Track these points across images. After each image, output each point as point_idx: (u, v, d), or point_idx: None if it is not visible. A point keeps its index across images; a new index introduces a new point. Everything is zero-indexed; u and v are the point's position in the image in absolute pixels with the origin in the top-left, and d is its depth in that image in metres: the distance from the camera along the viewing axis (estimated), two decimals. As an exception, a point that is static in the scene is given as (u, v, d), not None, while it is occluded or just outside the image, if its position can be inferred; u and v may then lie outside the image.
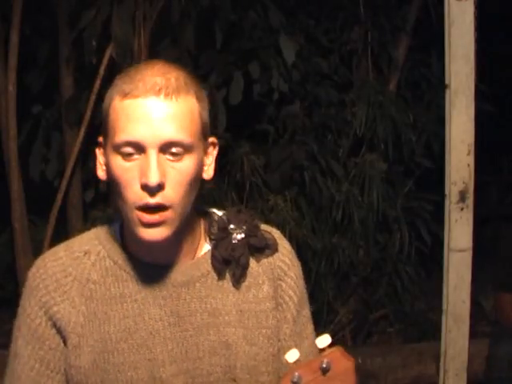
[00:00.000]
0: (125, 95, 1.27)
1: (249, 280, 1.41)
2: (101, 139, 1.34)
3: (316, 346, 1.27)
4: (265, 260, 1.42)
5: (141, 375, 1.34)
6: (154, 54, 3.87)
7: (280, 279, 1.43)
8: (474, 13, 2.77)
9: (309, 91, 4.52)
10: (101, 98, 3.94)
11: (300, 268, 1.48)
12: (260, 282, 1.41)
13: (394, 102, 4.55)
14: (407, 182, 4.70)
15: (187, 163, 1.29)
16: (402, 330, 4.75)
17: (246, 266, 1.40)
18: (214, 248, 1.39)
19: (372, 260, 4.60)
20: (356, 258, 4.54)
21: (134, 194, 1.27)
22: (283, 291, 1.43)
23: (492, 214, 5.73)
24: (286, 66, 4.21)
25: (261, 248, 1.42)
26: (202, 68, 4.20)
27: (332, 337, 1.29)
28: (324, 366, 1.24)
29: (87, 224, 3.94)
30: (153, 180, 1.24)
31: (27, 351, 1.37)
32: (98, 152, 1.36)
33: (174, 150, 1.27)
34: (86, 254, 1.39)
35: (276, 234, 1.46)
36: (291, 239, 4.20)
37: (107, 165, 1.31)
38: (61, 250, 1.41)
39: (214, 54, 4.18)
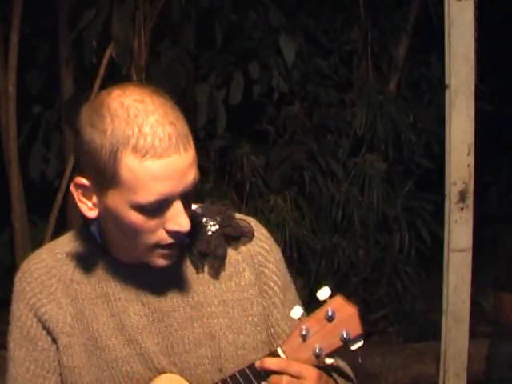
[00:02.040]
0: (142, 155, 1.22)
1: (229, 269, 1.42)
2: (86, 182, 1.29)
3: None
4: (243, 248, 1.43)
5: (136, 368, 1.36)
6: (154, 53, 3.87)
7: (261, 265, 1.44)
8: (474, 13, 2.77)
9: (309, 91, 4.53)
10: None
11: (280, 252, 1.49)
12: (240, 269, 1.42)
13: (393, 102, 4.55)
14: (407, 181, 4.71)
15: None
16: (401, 330, 4.75)
17: (223, 257, 1.41)
18: (190, 242, 1.40)
19: (372, 260, 4.60)
20: (356, 258, 4.54)
21: (158, 237, 1.29)
22: (266, 277, 1.44)
23: (492, 214, 5.73)
24: (286, 66, 4.21)
25: (237, 237, 1.43)
26: (202, 68, 4.21)
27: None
28: (329, 314, 1.29)
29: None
30: (186, 228, 1.28)
31: (21, 353, 1.39)
32: (80, 193, 1.31)
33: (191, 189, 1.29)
34: (67, 255, 1.41)
35: (252, 221, 1.47)
36: (291, 239, 4.21)
37: (110, 211, 1.29)
38: (43, 252, 1.43)
39: (214, 54, 4.18)
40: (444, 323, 2.94)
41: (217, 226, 1.41)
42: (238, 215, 1.46)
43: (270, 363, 1.30)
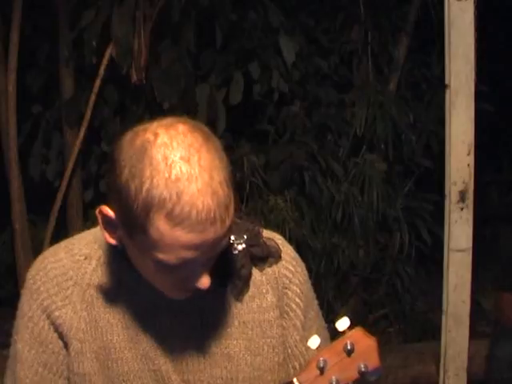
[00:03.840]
0: (175, 224, 1.13)
1: (252, 290, 1.37)
2: (112, 216, 1.22)
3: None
4: (268, 269, 1.38)
5: None
6: (154, 54, 3.87)
7: (285, 287, 1.39)
8: (474, 13, 2.77)
9: (309, 91, 4.52)
10: (101, 98, 3.97)
11: (305, 272, 1.44)
12: (264, 291, 1.38)
13: (394, 102, 4.55)
14: (407, 182, 4.70)
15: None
16: (402, 330, 4.74)
17: (247, 278, 1.36)
18: (215, 260, 1.33)
19: (372, 260, 4.60)
20: (356, 258, 4.54)
21: (174, 286, 1.26)
22: (289, 299, 1.40)
23: (492, 213, 5.73)
24: (286, 66, 4.21)
25: (263, 257, 1.38)
26: (202, 68, 4.20)
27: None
28: (348, 347, 1.26)
29: (87, 224, 3.94)
30: (206, 286, 1.23)
31: (30, 355, 1.35)
32: (104, 221, 1.24)
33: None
34: (86, 258, 1.36)
35: (279, 240, 1.42)
36: (291, 239, 4.21)
37: (131, 250, 1.25)
38: (61, 251, 1.38)
39: (214, 54, 4.18)
40: (444, 323, 2.94)
41: (243, 245, 1.35)
42: (265, 232, 1.40)
43: None
